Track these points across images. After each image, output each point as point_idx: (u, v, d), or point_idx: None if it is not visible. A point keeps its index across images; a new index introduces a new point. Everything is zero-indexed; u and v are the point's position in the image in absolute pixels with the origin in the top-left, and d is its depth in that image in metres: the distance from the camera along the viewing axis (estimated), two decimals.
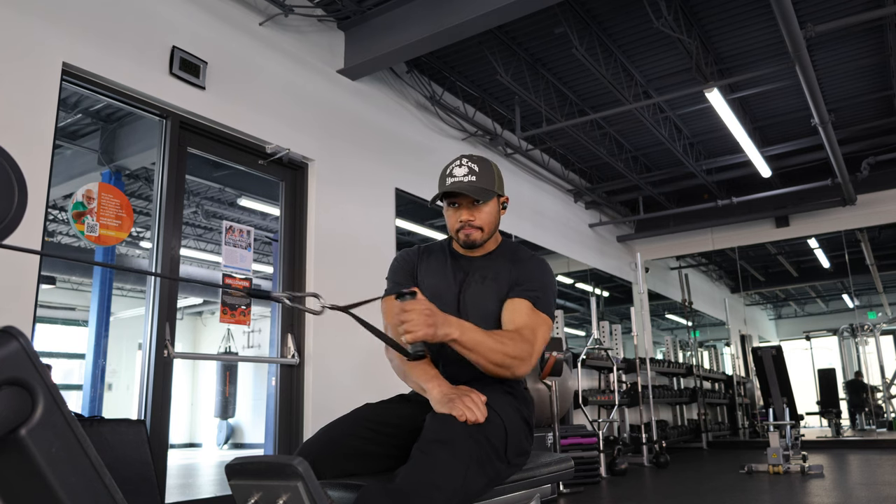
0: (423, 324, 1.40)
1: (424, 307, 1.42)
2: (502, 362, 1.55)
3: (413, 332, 1.40)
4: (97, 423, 2.84)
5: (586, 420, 6.35)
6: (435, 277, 1.80)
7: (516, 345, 1.58)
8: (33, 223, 2.83)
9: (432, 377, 1.58)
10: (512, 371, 1.57)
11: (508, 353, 1.55)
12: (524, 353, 1.58)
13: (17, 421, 0.81)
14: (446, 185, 1.72)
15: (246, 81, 4.02)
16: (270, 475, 1.14)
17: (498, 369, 1.56)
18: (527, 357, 1.59)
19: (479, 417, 1.42)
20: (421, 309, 1.41)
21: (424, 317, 1.41)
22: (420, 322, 1.40)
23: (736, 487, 4.95)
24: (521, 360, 1.57)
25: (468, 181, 1.71)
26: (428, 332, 1.41)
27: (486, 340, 1.52)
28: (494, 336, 1.56)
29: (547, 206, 7.57)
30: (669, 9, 4.77)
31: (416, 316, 1.40)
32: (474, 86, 6.08)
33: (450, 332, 1.46)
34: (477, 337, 1.51)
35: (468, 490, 1.35)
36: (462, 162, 1.74)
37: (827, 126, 5.95)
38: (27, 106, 2.92)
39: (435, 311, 1.44)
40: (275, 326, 4.22)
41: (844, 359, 12.18)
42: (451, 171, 1.74)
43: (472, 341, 1.50)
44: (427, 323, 1.40)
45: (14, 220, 0.90)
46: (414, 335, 1.40)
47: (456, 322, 1.49)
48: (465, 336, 1.49)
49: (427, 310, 1.42)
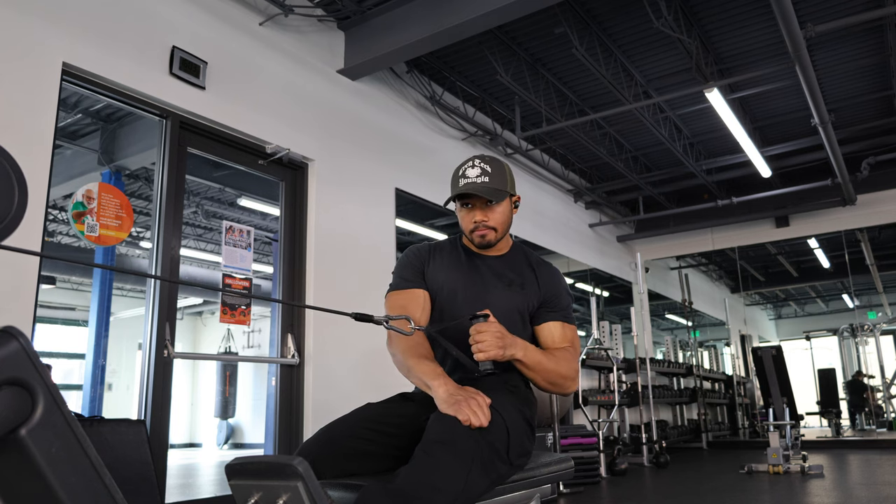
0: (495, 346, 1.52)
1: (496, 330, 1.54)
2: (556, 381, 1.69)
3: (486, 353, 1.52)
4: (97, 423, 2.84)
5: (586, 420, 6.35)
6: (450, 273, 1.80)
7: (568, 364, 1.73)
8: (33, 223, 2.83)
9: (438, 375, 1.57)
10: (563, 390, 1.72)
11: (562, 374, 1.70)
12: (574, 371, 1.74)
13: (17, 421, 0.81)
14: (459, 187, 1.74)
15: (246, 81, 4.03)
16: (270, 475, 1.14)
17: (551, 387, 1.71)
18: (576, 375, 1.75)
19: (484, 422, 1.41)
20: (493, 331, 1.53)
21: (496, 339, 1.53)
22: (492, 344, 1.52)
23: (736, 487, 4.95)
24: (572, 380, 1.72)
25: (481, 182, 1.72)
26: (499, 353, 1.53)
27: (545, 361, 1.66)
28: (551, 357, 1.70)
29: (547, 206, 7.57)
30: (669, 9, 4.77)
31: (489, 338, 1.52)
32: (474, 86, 6.08)
33: (515, 353, 1.59)
34: (538, 357, 1.65)
35: (470, 492, 1.34)
36: (475, 163, 1.76)
37: (827, 126, 5.95)
38: (27, 106, 2.92)
39: (505, 334, 1.56)
40: (275, 326, 4.22)
41: (844, 359, 12.18)
42: (463, 171, 1.76)
43: (533, 361, 1.64)
44: (499, 345, 1.53)
45: (14, 221, 0.90)
46: (486, 355, 1.52)
47: (521, 344, 1.61)
48: (528, 357, 1.62)
49: (499, 332, 1.54)
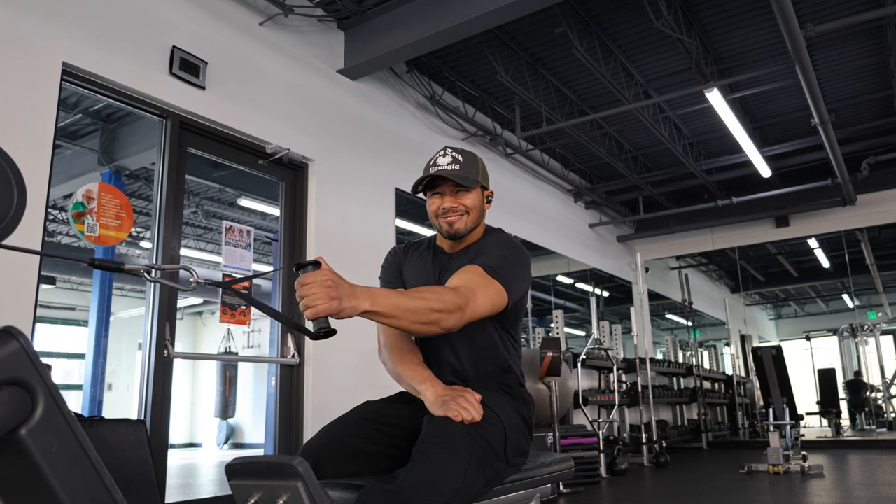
0: (324, 297, 1.20)
1: (326, 278, 1.22)
2: (429, 319, 1.36)
3: (313, 307, 1.20)
4: (97, 423, 2.84)
5: (586, 420, 6.35)
6: (416, 274, 1.79)
7: (442, 297, 1.40)
8: (33, 223, 2.83)
9: (425, 379, 1.57)
10: (440, 325, 1.39)
11: (434, 308, 1.37)
12: (451, 305, 1.40)
13: (17, 421, 0.81)
14: (429, 173, 1.70)
15: (246, 81, 4.03)
16: (270, 475, 1.14)
17: (426, 328, 1.38)
18: (455, 309, 1.40)
19: (475, 416, 1.42)
20: (322, 280, 1.21)
21: (326, 289, 1.20)
22: (321, 296, 1.20)
23: (736, 487, 4.95)
24: (448, 313, 1.39)
25: (452, 169, 1.69)
26: (331, 305, 1.20)
27: (403, 301, 1.34)
28: (413, 294, 1.39)
29: (547, 206, 7.57)
30: (669, 9, 4.77)
31: (317, 289, 1.20)
32: (474, 86, 6.08)
33: (359, 304, 1.25)
34: (392, 300, 1.32)
35: (468, 491, 1.35)
36: (446, 152, 1.74)
37: (827, 126, 5.95)
38: (27, 106, 2.92)
39: (339, 283, 1.23)
40: (275, 326, 4.22)
41: (844, 359, 12.18)
42: (434, 160, 1.73)
43: (388, 307, 1.30)
44: (329, 296, 1.20)
45: (14, 220, 0.90)
46: (314, 310, 1.20)
47: (365, 291, 1.28)
48: (379, 303, 1.29)
49: (329, 281, 1.22)
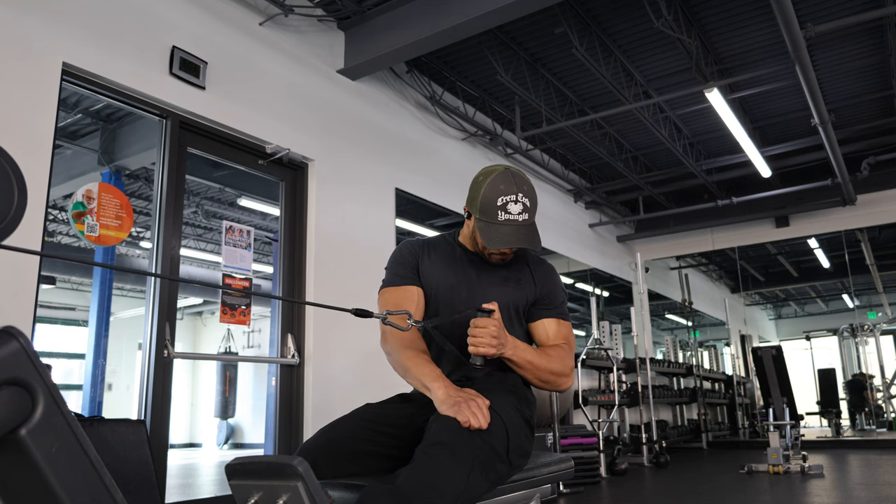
0: (489, 343, 1.53)
1: (494, 328, 1.53)
2: (548, 379, 1.69)
3: (478, 348, 1.53)
4: (97, 423, 2.84)
5: (586, 420, 6.35)
6: (446, 271, 1.78)
7: (562, 361, 1.72)
8: (33, 223, 2.83)
9: (437, 377, 1.55)
10: (556, 387, 1.72)
11: (554, 371, 1.69)
12: (567, 368, 1.72)
13: (17, 421, 0.81)
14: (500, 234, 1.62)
15: (246, 81, 4.03)
16: (270, 475, 1.14)
17: (543, 385, 1.71)
18: (569, 372, 1.73)
19: (483, 424, 1.41)
20: (491, 330, 1.53)
21: (492, 338, 1.53)
22: (487, 342, 1.52)
23: (736, 487, 4.95)
24: (565, 377, 1.72)
25: (523, 221, 1.63)
26: (491, 351, 1.54)
27: (535, 360, 1.66)
28: (542, 355, 1.69)
29: (547, 206, 7.57)
30: (669, 9, 4.77)
31: (486, 335, 1.52)
32: (474, 86, 6.08)
33: (505, 351, 1.58)
34: (528, 356, 1.64)
35: (470, 493, 1.34)
36: (518, 198, 1.63)
37: (827, 126, 5.95)
38: (27, 106, 2.92)
39: (502, 333, 1.55)
40: (275, 326, 4.22)
41: (844, 359, 12.18)
42: (505, 204, 1.62)
43: (522, 360, 1.63)
44: (493, 344, 1.53)
45: (14, 220, 0.90)
46: (478, 350, 1.53)
47: (511, 341, 1.60)
48: (517, 356, 1.62)
49: (496, 331, 1.53)
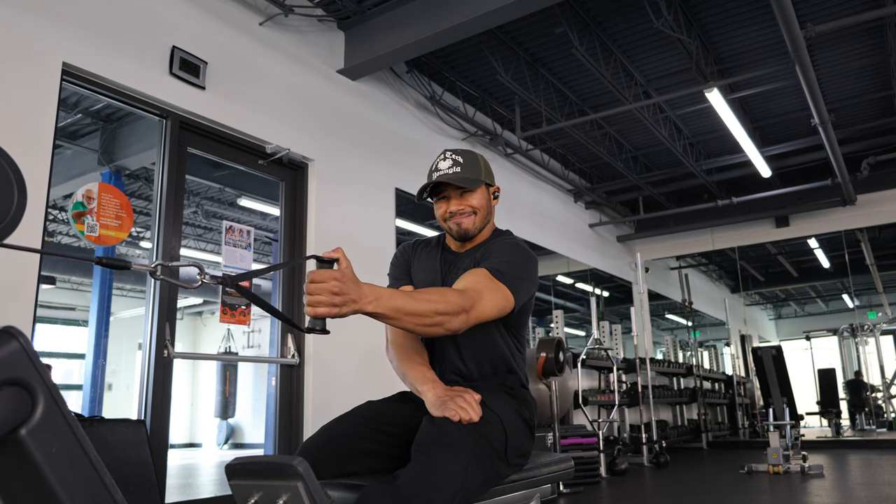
0: (326, 302, 1.23)
1: (335, 283, 1.24)
2: (433, 321, 1.38)
3: (314, 308, 1.24)
4: (97, 423, 2.84)
5: (586, 420, 6.35)
6: (423, 273, 1.83)
7: (447, 299, 1.42)
8: (33, 223, 2.83)
9: (428, 379, 1.59)
10: (444, 327, 1.41)
11: (438, 310, 1.38)
12: (456, 307, 1.41)
13: (17, 421, 0.81)
14: (432, 180, 1.75)
15: (246, 81, 4.03)
16: (270, 475, 1.14)
17: (430, 329, 1.40)
18: (459, 311, 1.42)
19: (474, 416, 1.42)
20: (330, 285, 1.23)
21: (331, 294, 1.23)
22: (324, 299, 1.23)
23: (736, 487, 4.95)
24: (453, 315, 1.41)
25: (453, 172, 1.73)
26: (331, 310, 1.24)
27: (408, 304, 1.35)
28: (418, 296, 1.40)
29: (547, 206, 7.57)
30: (669, 9, 4.77)
31: (323, 291, 1.23)
32: (474, 86, 6.08)
33: (361, 306, 1.28)
34: (396, 303, 1.33)
35: (468, 489, 1.35)
36: (446, 155, 1.77)
37: (827, 126, 5.95)
38: (27, 106, 2.92)
39: (345, 288, 1.25)
40: (275, 326, 4.22)
41: (844, 359, 12.18)
42: (436, 165, 1.77)
43: (391, 310, 1.32)
44: (332, 301, 1.23)
45: (14, 220, 0.90)
46: (314, 311, 1.24)
47: (372, 294, 1.29)
48: (382, 306, 1.30)
49: (337, 286, 1.24)
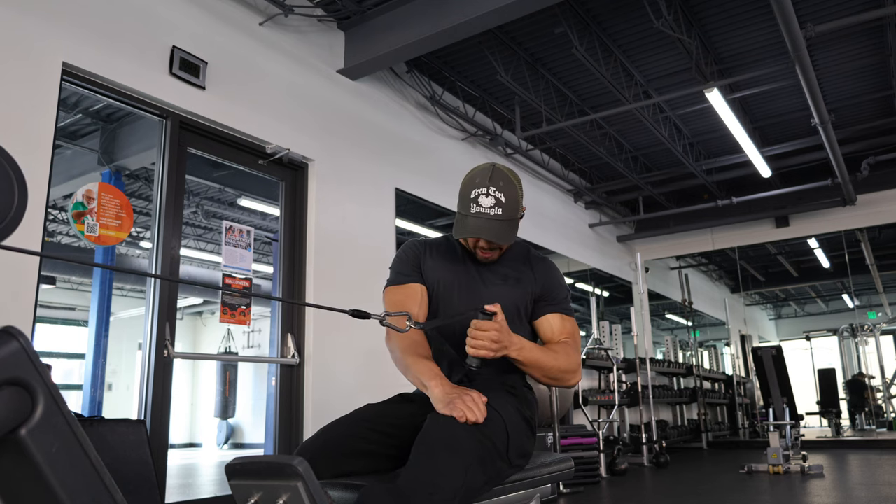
0: (488, 347, 1.52)
1: (496, 333, 1.52)
2: (556, 376, 1.69)
3: (476, 350, 1.52)
4: (97, 423, 2.84)
5: (586, 420, 6.35)
6: (447, 270, 1.80)
7: (567, 358, 1.71)
8: (33, 223, 2.83)
9: (434, 375, 1.57)
10: (563, 383, 1.72)
11: (562, 368, 1.68)
12: (574, 364, 1.72)
13: (17, 421, 0.81)
14: (469, 225, 1.63)
15: (246, 81, 4.03)
16: (270, 475, 1.14)
17: (551, 382, 1.71)
18: (576, 368, 1.72)
19: (479, 417, 1.42)
20: (491, 334, 1.52)
21: (491, 342, 1.52)
22: (486, 346, 1.52)
23: (736, 487, 4.95)
24: (572, 373, 1.71)
25: (494, 215, 1.62)
26: (490, 354, 1.53)
27: (542, 358, 1.65)
28: (548, 353, 1.68)
29: (547, 206, 7.57)
30: (669, 9, 4.77)
31: (485, 339, 1.52)
32: (474, 86, 6.08)
33: (510, 352, 1.58)
34: (534, 355, 1.63)
35: (469, 489, 1.35)
36: (489, 191, 1.63)
37: (827, 126, 5.95)
38: (27, 106, 2.92)
39: (502, 337, 1.54)
40: (275, 326, 4.22)
41: (844, 359, 12.18)
42: (476, 197, 1.63)
43: (529, 360, 1.62)
44: (492, 348, 1.53)
45: (14, 221, 0.90)
46: (476, 353, 1.53)
47: (517, 342, 1.59)
48: (523, 355, 1.61)
49: (497, 336, 1.52)
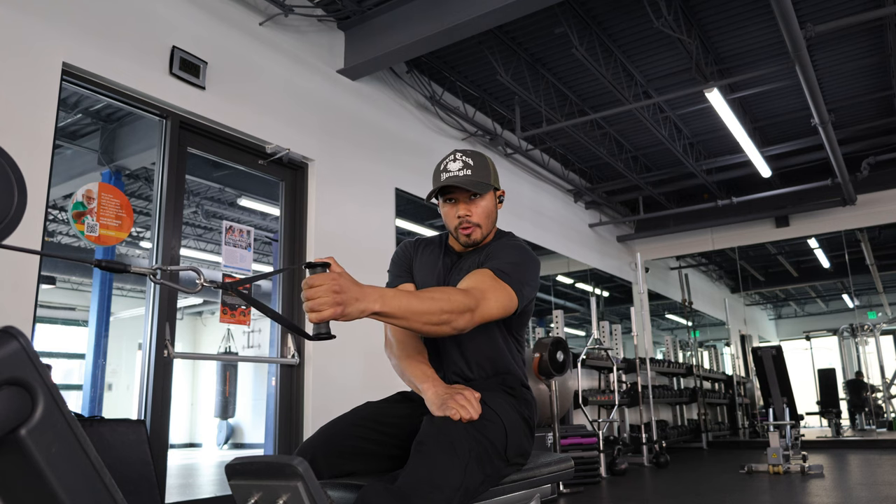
0: (329, 302, 1.19)
1: (333, 283, 1.21)
2: (439, 319, 1.36)
3: (317, 312, 1.19)
4: (97, 423, 2.84)
5: (586, 420, 6.35)
6: (425, 271, 1.79)
7: (452, 298, 1.40)
8: (33, 223, 2.83)
9: (427, 377, 1.57)
10: (451, 326, 1.39)
11: (444, 309, 1.37)
12: (461, 306, 1.40)
13: (17, 421, 0.81)
14: (441, 181, 1.69)
15: (246, 81, 4.03)
16: (270, 475, 1.14)
17: (436, 328, 1.38)
18: (465, 310, 1.40)
19: (473, 414, 1.42)
20: (328, 286, 1.20)
21: (332, 294, 1.20)
22: (326, 301, 1.19)
23: (736, 487, 4.95)
24: (458, 314, 1.39)
25: (464, 175, 1.68)
26: (335, 311, 1.20)
27: (413, 303, 1.33)
28: (423, 295, 1.38)
29: (547, 206, 7.57)
30: (669, 9, 4.77)
31: (323, 294, 1.19)
32: (474, 86, 6.08)
33: (367, 306, 1.25)
34: (402, 302, 1.31)
35: (468, 488, 1.35)
36: (456, 156, 1.71)
37: (827, 126, 5.95)
38: (27, 106, 2.92)
39: (345, 287, 1.22)
40: (275, 326, 4.22)
41: (844, 359, 12.18)
42: (445, 166, 1.71)
43: (397, 308, 1.30)
44: (334, 301, 1.20)
45: (14, 220, 0.90)
46: (318, 315, 1.19)
47: (375, 292, 1.27)
48: (388, 305, 1.28)
49: (336, 285, 1.20)
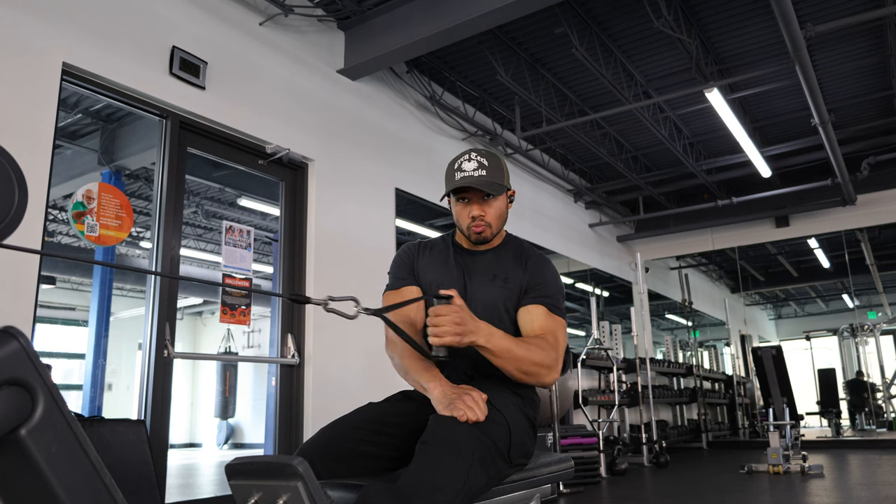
0: (451, 332, 1.42)
1: (456, 315, 1.43)
2: (529, 370, 1.55)
3: (440, 338, 1.42)
4: (97, 423, 2.84)
5: (586, 420, 6.35)
6: (437, 272, 1.79)
7: (543, 352, 1.58)
8: (33, 223, 2.83)
9: (433, 377, 1.56)
10: (539, 379, 1.58)
11: (535, 361, 1.56)
12: (551, 360, 1.59)
13: (17, 421, 0.81)
14: (456, 181, 1.70)
15: (246, 81, 4.03)
16: (270, 475, 1.14)
17: (525, 377, 1.57)
18: (553, 364, 1.59)
19: (480, 416, 1.42)
20: (452, 317, 1.43)
21: (454, 325, 1.42)
22: (449, 329, 1.42)
23: (736, 487, 4.95)
24: (548, 368, 1.58)
25: (479, 175, 1.69)
26: (454, 339, 1.43)
27: (514, 348, 1.53)
28: (521, 344, 1.56)
29: (547, 206, 7.57)
30: (669, 9, 4.77)
31: (446, 322, 1.42)
32: (474, 86, 6.08)
33: (476, 340, 1.47)
34: (504, 344, 1.51)
35: (470, 489, 1.34)
36: (471, 156, 1.72)
37: (827, 126, 5.95)
38: (27, 106, 2.92)
39: (466, 320, 1.45)
40: (275, 326, 4.22)
41: (844, 359, 12.18)
42: (459, 165, 1.72)
43: (499, 348, 1.50)
44: (455, 331, 1.43)
45: (14, 220, 0.90)
46: (440, 340, 1.43)
47: (486, 330, 1.49)
48: (492, 343, 1.49)
49: (458, 317, 1.43)
